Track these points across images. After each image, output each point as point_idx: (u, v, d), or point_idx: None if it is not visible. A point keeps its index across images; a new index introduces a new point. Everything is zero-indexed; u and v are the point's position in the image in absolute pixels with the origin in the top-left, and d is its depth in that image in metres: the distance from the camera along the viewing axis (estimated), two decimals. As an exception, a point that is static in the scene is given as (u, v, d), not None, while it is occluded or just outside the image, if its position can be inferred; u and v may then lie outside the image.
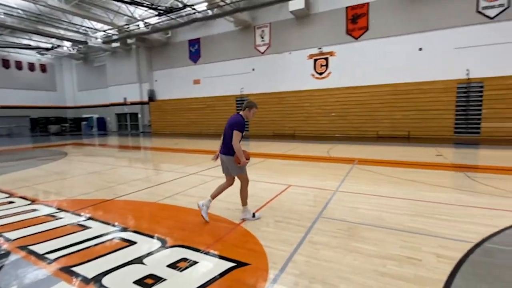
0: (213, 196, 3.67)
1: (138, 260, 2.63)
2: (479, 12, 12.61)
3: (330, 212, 3.82)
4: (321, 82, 16.61)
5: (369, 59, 14.97)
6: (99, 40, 21.59)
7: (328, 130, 16.27)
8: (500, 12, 12.23)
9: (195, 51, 21.03)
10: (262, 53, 18.22)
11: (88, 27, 20.20)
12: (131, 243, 3.01)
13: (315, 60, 16.70)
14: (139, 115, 24.40)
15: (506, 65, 12.22)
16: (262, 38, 18.18)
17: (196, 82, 21.22)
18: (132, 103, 24.48)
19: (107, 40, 21.37)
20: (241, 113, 3.60)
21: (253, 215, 3.62)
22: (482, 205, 3.97)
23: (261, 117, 18.44)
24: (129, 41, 21.69)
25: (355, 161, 7.69)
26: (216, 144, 13.67)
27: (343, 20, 15.52)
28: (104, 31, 20.48)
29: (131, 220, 3.71)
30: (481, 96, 12.75)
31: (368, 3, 14.80)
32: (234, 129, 3.41)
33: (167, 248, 2.87)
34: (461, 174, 6.03)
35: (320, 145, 11.88)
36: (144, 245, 2.96)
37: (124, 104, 24.96)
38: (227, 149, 3.53)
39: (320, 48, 16.41)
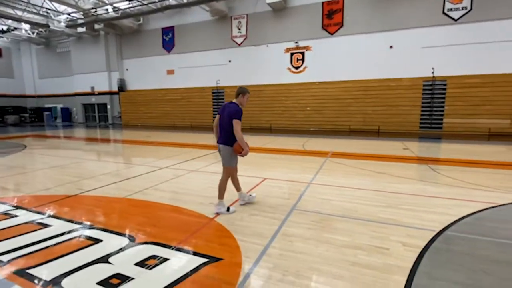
0: (237, 189, 3.79)
1: (103, 259, 2.47)
2: (445, 14, 13.33)
3: (304, 204, 3.87)
4: (297, 76, 16.75)
5: (343, 55, 15.32)
6: (62, 24, 19.97)
7: (304, 124, 16.52)
8: (463, 15, 13.02)
9: (169, 40, 20.21)
10: (239, 44, 17.95)
11: (50, 9, 18.58)
12: (96, 241, 2.83)
13: (292, 54, 16.77)
14: (108, 106, 23.14)
15: (467, 65, 13.10)
16: (239, 29, 17.88)
17: (170, 72, 20.47)
18: (101, 93, 23.13)
19: (72, 24, 19.82)
20: (234, 100, 3.54)
21: (228, 209, 3.56)
22: (443, 195, 4.23)
23: (237, 110, 18.29)
24: (96, 26, 20.32)
25: (329, 154, 7.88)
26: (191, 137, 13.46)
27: (319, 15, 15.67)
28: (68, 14, 18.95)
29: (97, 217, 3.49)
30: (444, 93, 13.60)
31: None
32: (234, 118, 3.38)
33: (136, 245, 2.73)
34: (425, 167, 6.40)
35: (295, 138, 12.03)
36: (110, 243, 2.79)
37: (91, 94, 23.51)
38: (226, 139, 3.50)
39: (296, 42, 16.49)
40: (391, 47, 14.44)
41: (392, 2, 14.09)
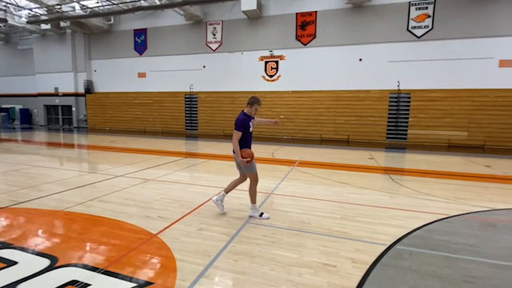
0: (227, 191, 3.79)
1: (11, 287, 2.11)
2: (409, 31, 14.10)
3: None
4: (271, 85, 16.84)
5: (316, 66, 15.65)
6: (23, 19, 18.67)
7: (276, 132, 16.56)
8: (426, 33, 13.84)
9: (141, 42, 19.57)
10: (214, 50, 17.78)
11: (9, 3, 17.31)
12: (10, 263, 2.44)
13: (266, 62, 16.87)
14: (73, 108, 21.81)
15: (429, 79, 13.88)
16: (214, 35, 17.73)
17: (142, 75, 19.76)
18: (65, 94, 21.78)
19: (34, 20, 18.58)
20: (245, 110, 3.63)
21: (261, 215, 3.60)
22: (399, 206, 4.26)
23: (211, 116, 17.99)
24: (62, 24, 19.19)
25: (296, 163, 7.84)
26: (160, 143, 12.92)
27: (293, 26, 15.95)
28: (30, 9, 17.76)
29: (18, 234, 3.07)
30: (408, 106, 14.27)
31: (316, 12, 15.45)
32: (234, 128, 3.53)
33: (56, 268, 2.38)
34: (386, 177, 6.52)
35: (267, 146, 11.95)
36: (26, 265, 2.42)
37: (55, 95, 22.07)
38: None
39: (271, 51, 16.62)
40: (360, 59, 14.97)
41: (361, 17, 14.68)
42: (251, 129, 3.64)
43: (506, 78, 12.83)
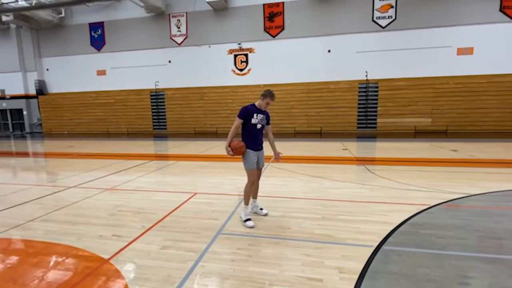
0: (253, 196, 3.56)
1: None
2: (374, 22, 14.32)
3: (233, 225, 3.28)
4: (242, 79, 16.37)
5: (286, 58, 15.42)
6: (-45, 13, 16.31)
7: (249, 127, 16.17)
8: (390, 23, 14.14)
9: (98, 37, 18.04)
10: (179, 44, 16.86)
11: None
12: None
13: (236, 56, 16.33)
14: (25, 112, 19.71)
15: (395, 69, 14.25)
16: (179, 28, 16.79)
17: (101, 73, 18.29)
18: (14, 97, 19.60)
19: (-32, 13, 16.32)
20: (256, 102, 3.43)
21: (245, 220, 3.24)
22: (379, 200, 4.08)
23: (180, 114, 17.14)
24: (4, 18, 17.08)
25: (271, 159, 7.50)
26: (124, 145, 11.95)
27: (260, 17, 15.53)
28: (-38, 0, 15.54)
29: None
30: (376, 95, 14.58)
31: (283, 3, 15.15)
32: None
33: (-37, 324, 1.80)
34: (362, 167, 6.42)
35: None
36: None
37: (1, 98, 19.77)
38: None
39: (239, 44, 16.10)
40: (329, 51, 14.98)
41: (328, 8, 14.64)
42: (254, 121, 3.31)
43: (464, 66, 13.52)
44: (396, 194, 4.33)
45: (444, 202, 3.91)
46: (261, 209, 3.61)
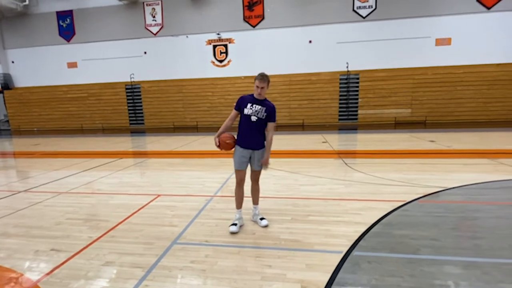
0: (254, 202, 3.19)
1: None
2: (355, 11, 14.09)
3: (193, 232, 2.96)
4: (222, 70, 15.84)
5: (266, 49, 15.00)
6: None
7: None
8: (370, 13, 13.96)
9: (67, 27, 16.89)
10: (155, 34, 16.05)
11: None
12: None
13: (215, 47, 15.75)
14: (-11, 108, 18.36)
15: (375, 60, 14.15)
16: (154, 17, 15.95)
17: (72, 65, 17.21)
18: (-25, 92, 18.17)
19: None
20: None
21: (231, 224, 2.95)
22: (353, 197, 3.87)
23: (158, 107, 16.45)
24: (-41, 5, 15.63)
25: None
26: (96, 142, 11.28)
27: (239, 6, 14.97)
28: None
29: None
30: (357, 86, 14.48)
31: (262, -9, 14.63)
32: None
33: None
34: (340, 161, 6.23)
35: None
36: None
37: (-39, 92, 18.28)
38: None
39: (218, 34, 15.50)
40: (310, 41, 14.68)
41: (308, -4, 14.26)
42: (247, 112, 2.81)
43: (442, 56, 13.60)
44: (371, 190, 4.13)
45: (420, 198, 3.74)
46: (261, 219, 3.08)
